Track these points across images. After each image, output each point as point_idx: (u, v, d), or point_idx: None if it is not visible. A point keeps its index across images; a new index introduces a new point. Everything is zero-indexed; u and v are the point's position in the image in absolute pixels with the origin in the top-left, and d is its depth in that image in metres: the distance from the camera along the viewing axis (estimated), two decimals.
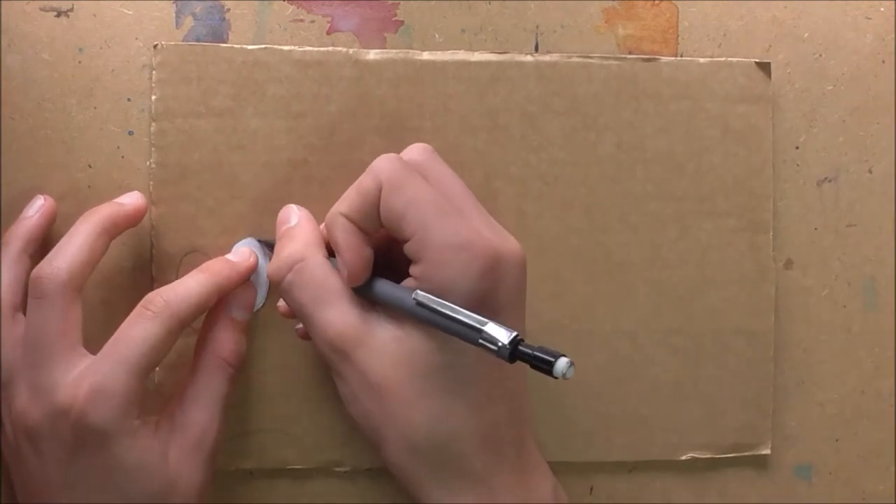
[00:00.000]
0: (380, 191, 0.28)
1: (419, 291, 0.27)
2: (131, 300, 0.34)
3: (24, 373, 0.30)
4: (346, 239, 0.29)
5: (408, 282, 0.29)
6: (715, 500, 0.37)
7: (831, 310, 0.37)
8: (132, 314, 0.30)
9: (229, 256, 0.33)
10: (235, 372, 0.32)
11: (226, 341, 0.32)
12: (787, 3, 0.37)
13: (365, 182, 0.29)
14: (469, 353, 0.28)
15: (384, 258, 0.31)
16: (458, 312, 0.26)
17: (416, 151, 0.31)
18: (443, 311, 0.27)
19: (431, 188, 0.29)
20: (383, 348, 0.28)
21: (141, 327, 0.29)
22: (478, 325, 0.26)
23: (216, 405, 0.32)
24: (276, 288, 0.31)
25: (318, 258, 0.30)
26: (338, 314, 0.29)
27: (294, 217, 0.32)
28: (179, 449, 0.30)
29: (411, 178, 0.29)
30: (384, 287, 0.29)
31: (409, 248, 0.28)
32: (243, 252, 0.33)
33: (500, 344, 0.25)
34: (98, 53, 0.34)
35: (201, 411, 0.31)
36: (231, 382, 0.32)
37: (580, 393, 0.35)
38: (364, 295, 0.30)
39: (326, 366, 0.30)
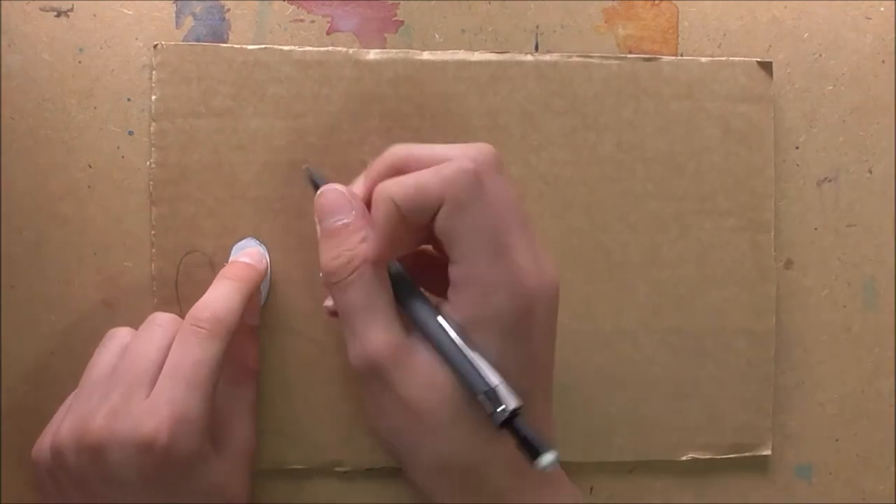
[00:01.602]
0: (440, 202, 0.27)
1: (450, 331, 0.28)
2: (131, 300, 0.34)
3: (111, 394, 0.29)
4: (388, 220, 0.28)
5: (442, 305, 0.29)
6: (715, 500, 0.37)
7: (831, 310, 0.37)
8: (184, 333, 0.30)
9: (244, 259, 0.33)
10: (257, 372, 0.34)
11: (248, 350, 0.33)
12: (787, 3, 0.37)
13: (430, 184, 0.27)
14: (506, 377, 0.28)
15: (418, 266, 0.31)
16: (474, 360, 0.27)
17: (487, 156, 0.29)
18: (461, 352, 0.27)
19: (490, 217, 0.28)
20: (421, 371, 0.28)
21: (201, 348, 0.29)
22: (486, 383, 0.27)
23: (252, 415, 0.33)
24: (329, 285, 0.29)
25: (377, 262, 0.29)
26: (383, 329, 0.28)
27: (349, 206, 0.29)
28: (232, 463, 0.31)
29: (476, 202, 0.27)
30: (414, 309, 0.29)
31: (453, 271, 0.28)
32: (253, 253, 0.33)
33: (495, 413, 0.26)
34: (98, 53, 0.34)
35: (241, 424, 0.32)
36: (255, 388, 0.33)
37: (580, 393, 0.35)
38: (403, 306, 0.29)
39: (359, 381, 0.30)
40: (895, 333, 0.38)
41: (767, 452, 0.36)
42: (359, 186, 0.30)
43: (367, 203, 0.29)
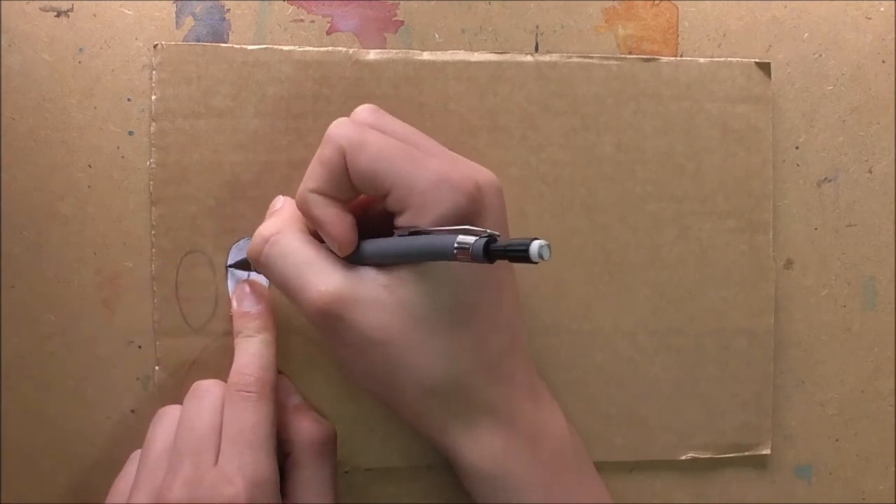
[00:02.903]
0: (343, 156, 0.28)
1: (400, 229, 0.28)
2: (131, 300, 0.34)
3: (179, 466, 0.29)
4: (325, 212, 0.29)
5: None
6: (715, 500, 0.37)
7: (831, 310, 0.37)
8: (234, 400, 0.30)
9: (250, 306, 0.33)
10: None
11: (308, 425, 0.33)
12: (787, 3, 0.37)
13: (326, 152, 0.29)
14: (465, 286, 0.28)
15: (363, 227, 0.30)
16: (432, 233, 0.27)
17: (363, 113, 0.30)
18: (418, 233, 0.27)
19: (391, 139, 0.29)
20: (376, 300, 0.28)
21: (255, 411, 0.30)
22: (451, 237, 0.26)
23: (331, 487, 0.32)
24: (256, 266, 0.30)
25: (293, 231, 0.30)
26: (322, 277, 0.29)
27: (279, 201, 0.33)
28: None
29: (370, 134, 0.29)
30: (369, 246, 0.29)
31: (390, 202, 0.28)
32: (256, 282, 0.34)
33: (473, 244, 0.25)
34: (98, 53, 0.34)
35: (317, 496, 0.32)
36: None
37: (580, 393, 0.35)
38: (355, 260, 0.29)
39: (322, 335, 0.30)
40: (895, 333, 0.38)
41: (767, 452, 0.36)
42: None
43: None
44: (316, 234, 0.30)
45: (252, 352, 0.32)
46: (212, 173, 0.34)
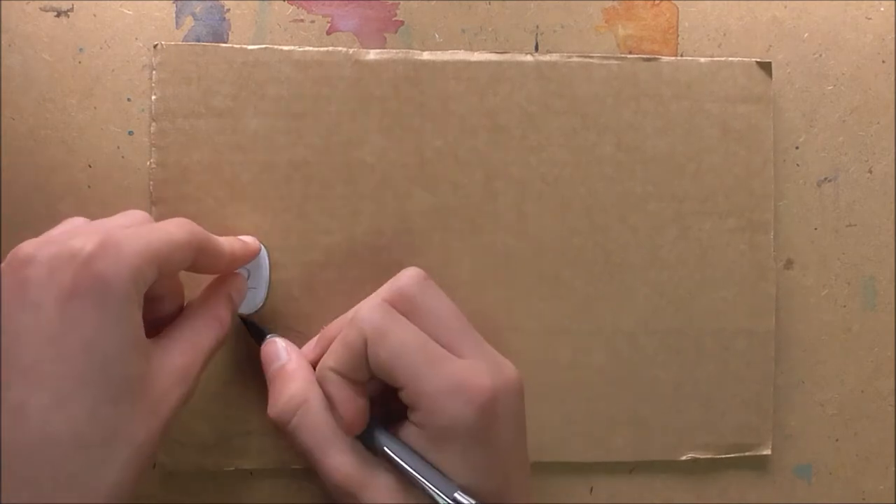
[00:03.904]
0: (365, 343, 0.28)
1: (397, 458, 0.28)
2: None
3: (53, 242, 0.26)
4: (339, 393, 0.29)
5: (407, 426, 0.29)
6: (715, 500, 0.37)
7: (831, 310, 0.37)
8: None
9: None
10: (224, 334, 0.31)
11: (222, 301, 0.31)
12: (787, 3, 0.37)
13: (350, 335, 0.29)
14: (477, 476, 0.28)
15: (384, 396, 0.31)
16: (428, 476, 0.28)
17: (405, 280, 0.30)
18: (419, 476, 0.28)
19: (417, 333, 0.29)
20: (388, 488, 0.29)
21: (164, 227, 0.28)
22: (447, 493, 0.27)
23: (197, 368, 0.29)
24: (282, 430, 0.30)
25: (319, 401, 0.30)
26: (342, 459, 0.29)
27: (283, 353, 0.32)
28: (149, 397, 0.27)
29: (395, 325, 0.29)
30: (379, 440, 0.29)
31: (403, 396, 0.29)
32: (248, 239, 0.33)
33: None
34: (98, 53, 0.34)
35: (182, 355, 0.29)
36: (217, 345, 0.30)
37: (580, 393, 0.35)
38: (364, 441, 0.30)
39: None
40: (895, 333, 0.38)
41: (767, 452, 0.36)
42: (310, 350, 0.32)
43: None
44: None
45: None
46: (212, 173, 0.34)
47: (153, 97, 0.34)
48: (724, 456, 0.36)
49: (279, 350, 0.32)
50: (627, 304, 0.36)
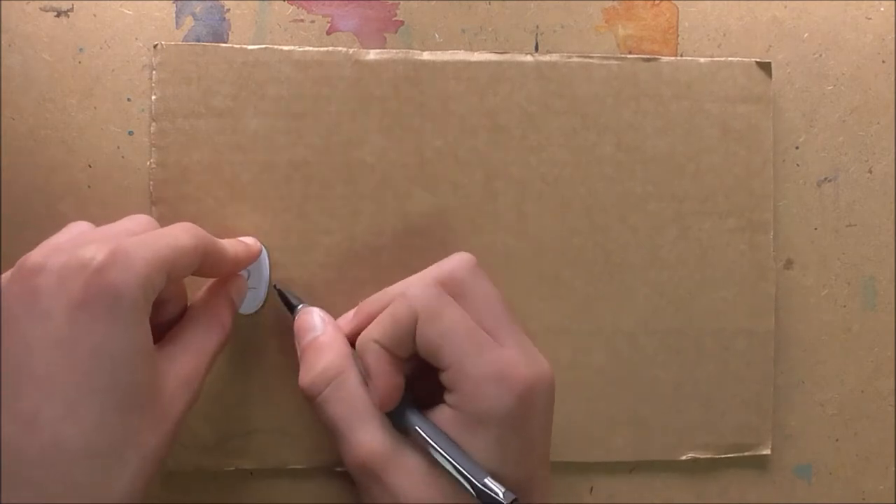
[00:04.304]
0: (415, 321, 0.28)
1: (429, 438, 0.28)
2: None
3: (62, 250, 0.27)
4: (379, 366, 0.29)
5: (441, 409, 0.29)
6: (715, 500, 0.37)
7: (831, 310, 0.37)
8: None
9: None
10: (226, 337, 0.31)
11: (223, 305, 0.31)
12: (787, 3, 0.37)
13: (400, 310, 0.29)
14: (504, 464, 0.28)
15: (418, 375, 0.31)
16: (459, 460, 0.28)
17: (456, 265, 0.31)
18: (450, 459, 0.28)
19: (467, 317, 0.29)
20: (415, 470, 0.29)
21: (170, 232, 0.28)
22: (477, 478, 0.27)
23: (202, 372, 0.29)
24: (310, 400, 0.30)
25: (355, 374, 0.30)
26: (370, 434, 0.29)
27: (319, 323, 0.32)
28: (159, 405, 0.27)
29: (447, 307, 0.29)
30: (411, 421, 0.29)
31: (444, 378, 0.29)
32: (249, 240, 0.33)
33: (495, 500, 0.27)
34: (98, 53, 0.34)
35: (187, 362, 0.29)
36: (220, 348, 0.30)
37: (580, 393, 0.35)
38: (394, 420, 0.30)
39: (358, 485, 0.30)
40: (895, 333, 0.38)
41: (767, 452, 0.36)
42: (346, 322, 0.32)
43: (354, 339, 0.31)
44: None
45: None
46: (212, 173, 0.34)
47: (153, 97, 0.34)
48: (724, 456, 0.36)
49: (314, 320, 0.32)
50: (627, 304, 0.36)
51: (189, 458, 0.34)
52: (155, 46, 0.34)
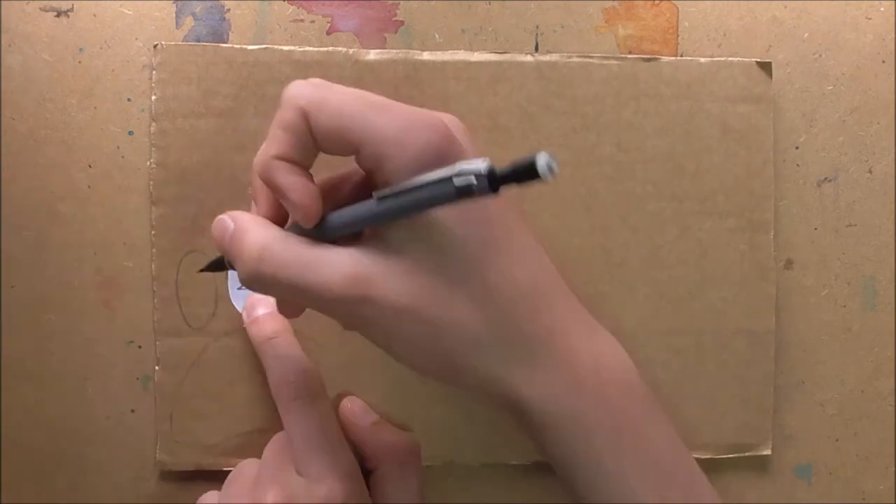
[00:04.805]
0: (306, 117, 0.26)
1: (379, 191, 0.26)
2: (131, 300, 0.34)
3: (276, 474, 0.30)
4: (290, 179, 0.27)
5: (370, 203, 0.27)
6: None
7: (831, 310, 0.37)
8: (291, 408, 0.31)
9: (262, 310, 0.33)
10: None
11: (392, 439, 0.33)
12: (787, 3, 0.37)
13: (287, 115, 0.27)
14: (468, 226, 0.27)
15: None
16: (423, 180, 0.25)
17: (314, 80, 0.28)
18: (409, 188, 0.25)
19: (352, 89, 0.27)
20: (391, 269, 0.26)
21: (314, 413, 0.31)
22: (448, 175, 0.24)
23: (420, 497, 0.32)
24: (259, 288, 0.27)
25: (279, 236, 0.27)
26: (330, 265, 0.26)
27: (229, 222, 0.28)
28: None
29: (328, 89, 0.27)
30: (347, 213, 0.27)
31: (362, 159, 0.26)
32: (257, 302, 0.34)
33: (478, 175, 0.23)
34: (98, 53, 0.34)
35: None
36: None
37: None
38: (326, 234, 0.27)
39: (354, 327, 0.28)
40: (895, 333, 0.38)
41: (767, 452, 0.36)
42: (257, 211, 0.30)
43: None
44: (279, 220, 0.29)
45: (283, 356, 0.32)
46: (212, 173, 0.34)
47: (153, 97, 0.34)
48: (724, 456, 0.36)
49: (224, 221, 0.28)
50: (627, 304, 0.36)
51: (189, 458, 0.34)
52: (155, 46, 0.34)
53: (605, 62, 0.35)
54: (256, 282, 0.27)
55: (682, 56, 0.36)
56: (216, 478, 0.34)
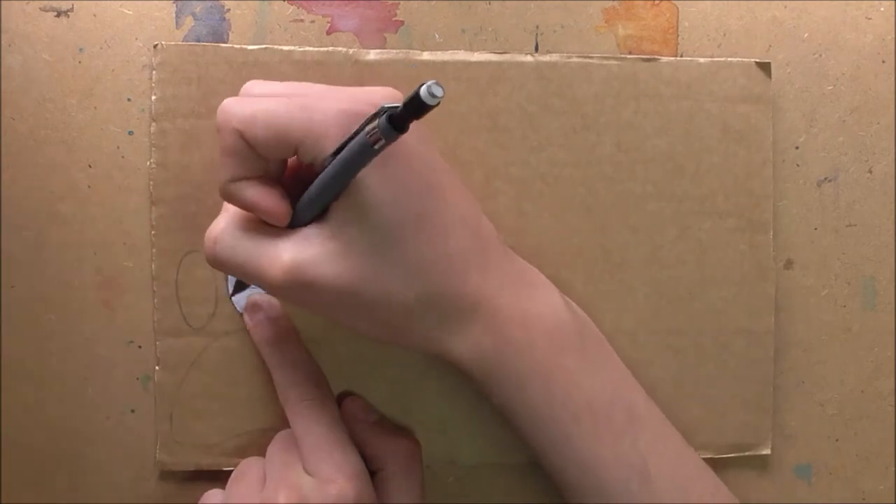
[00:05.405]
0: (242, 136, 0.28)
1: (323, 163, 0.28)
2: (131, 300, 0.34)
3: (284, 473, 0.30)
4: (250, 194, 0.29)
5: None
6: None
7: (831, 310, 0.37)
8: (298, 409, 0.31)
9: (259, 315, 0.34)
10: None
11: (395, 439, 0.34)
12: (787, 3, 0.37)
13: (225, 140, 0.28)
14: (400, 198, 0.28)
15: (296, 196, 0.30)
16: (347, 143, 0.27)
17: (249, 85, 0.30)
18: (335, 156, 0.27)
19: (275, 90, 0.29)
20: (326, 251, 0.28)
21: (322, 414, 0.31)
22: (359, 136, 0.26)
23: (421, 497, 0.33)
24: (215, 268, 0.30)
25: (235, 222, 0.30)
26: (273, 252, 0.28)
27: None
28: None
29: (257, 103, 0.28)
30: (303, 200, 0.29)
31: (302, 155, 0.28)
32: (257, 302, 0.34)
33: (379, 123, 0.25)
34: (98, 53, 0.34)
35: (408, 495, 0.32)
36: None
37: None
38: (299, 223, 0.29)
39: (302, 306, 0.30)
40: (895, 333, 0.38)
41: (767, 452, 0.36)
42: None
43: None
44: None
45: (289, 358, 0.32)
46: (212, 173, 0.34)
47: (153, 97, 0.34)
48: (724, 456, 0.36)
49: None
50: (627, 304, 0.36)
51: (189, 458, 0.34)
52: (155, 46, 0.34)
53: (604, 62, 0.35)
54: (214, 263, 0.30)
55: (682, 56, 0.36)
56: (216, 478, 0.34)
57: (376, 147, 0.25)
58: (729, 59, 0.36)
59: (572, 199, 0.35)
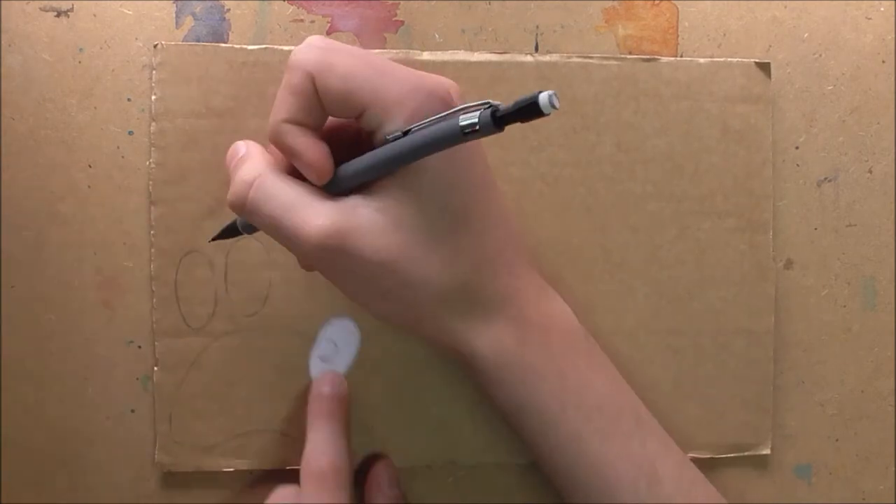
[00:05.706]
0: (313, 81, 0.27)
1: (389, 133, 0.27)
2: (131, 300, 0.34)
3: None
4: (300, 141, 0.28)
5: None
6: None
7: (831, 310, 0.37)
8: (313, 490, 0.30)
9: (326, 388, 0.33)
10: None
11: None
12: (787, 3, 0.37)
13: (294, 79, 0.27)
14: (453, 189, 0.28)
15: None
16: (429, 124, 0.26)
17: (317, 39, 0.29)
18: (416, 128, 0.26)
19: (358, 50, 0.28)
20: (373, 224, 0.28)
21: (336, 500, 0.30)
22: (452, 120, 0.25)
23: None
24: (241, 213, 0.29)
25: (275, 171, 0.29)
26: (314, 212, 0.28)
27: (242, 148, 0.30)
28: None
29: (334, 52, 0.27)
30: (351, 166, 0.28)
31: (366, 120, 0.27)
32: (333, 379, 0.33)
33: (480, 115, 0.24)
34: (98, 53, 0.34)
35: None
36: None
37: None
38: (335, 188, 0.28)
39: (325, 273, 0.29)
40: (895, 333, 0.38)
41: (767, 452, 0.36)
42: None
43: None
44: (293, 171, 0.29)
45: (324, 438, 0.31)
46: (212, 173, 0.34)
47: (153, 97, 0.34)
48: (723, 456, 0.36)
49: (238, 147, 0.30)
50: (627, 304, 0.36)
51: (189, 458, 0.34)
52: (155, 46, 0.34)
53: (604, 62, 0.35)
54: (243, 207, 0.28)
55: (681, 56, 0.36)
56: (216, 478, 0.34)
57: (469, 136, 0.25)
58: (729, 59, 0.36)
59: (572, 199, 0.35)
